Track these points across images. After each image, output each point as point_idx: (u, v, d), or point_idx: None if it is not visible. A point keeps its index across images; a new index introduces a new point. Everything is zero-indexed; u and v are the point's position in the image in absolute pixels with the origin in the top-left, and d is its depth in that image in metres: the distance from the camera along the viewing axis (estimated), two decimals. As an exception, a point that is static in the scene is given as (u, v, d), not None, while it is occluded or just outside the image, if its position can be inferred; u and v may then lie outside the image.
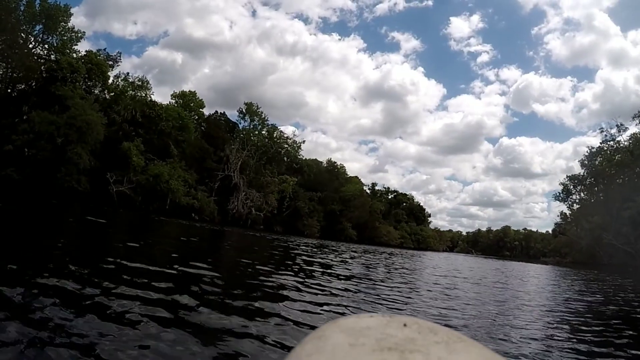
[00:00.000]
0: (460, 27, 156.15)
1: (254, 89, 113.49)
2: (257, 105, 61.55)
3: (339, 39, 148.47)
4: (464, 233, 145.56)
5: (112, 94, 44.45)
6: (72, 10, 43.73)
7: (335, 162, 79.91)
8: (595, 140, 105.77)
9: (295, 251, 18.45)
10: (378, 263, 18.52)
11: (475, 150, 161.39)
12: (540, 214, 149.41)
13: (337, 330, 0.50)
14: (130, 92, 46.25)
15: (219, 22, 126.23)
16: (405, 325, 0.51)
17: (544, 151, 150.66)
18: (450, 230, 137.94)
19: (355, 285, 8.75)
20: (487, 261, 47.23)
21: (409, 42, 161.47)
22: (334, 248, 27.47)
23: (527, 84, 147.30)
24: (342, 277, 10.26)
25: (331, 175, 74.40)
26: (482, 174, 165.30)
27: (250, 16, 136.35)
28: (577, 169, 67.01)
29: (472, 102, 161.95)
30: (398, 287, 9.50)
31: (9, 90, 37.95)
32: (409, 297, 8.05)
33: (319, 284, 7.89)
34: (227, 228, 36.70)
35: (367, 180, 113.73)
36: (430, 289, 10.41)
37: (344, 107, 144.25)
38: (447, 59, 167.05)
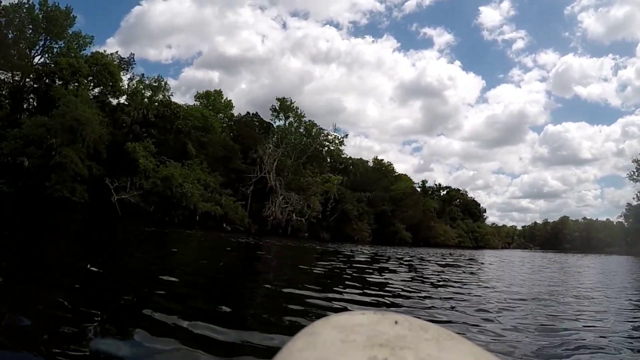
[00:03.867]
0: (491, 15, 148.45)
1: (292, 99, 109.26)
2: (291, 100, 55.07)
3: (372, 41, 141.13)
4: (519, 227, 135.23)
5: (124, 96, 39.78)
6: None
7: (382, 160, 72.39)
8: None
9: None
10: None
11: (521, 140, 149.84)
12: (594, 201, 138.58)
13: (328, 326, 0.50)
14: (146, 93, 41.45)
15: (250, 38, 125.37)
16: (396, 322, 0.50)
17: (592, 135, 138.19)
18: (504, 226, 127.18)
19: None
20: (573, 257, 37.60)
21: (442, 37, 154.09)
22: (431, 257, 19.74)
23: (567, 67, 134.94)
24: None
25: (379, 173, 66.57)
26: (529, 164, 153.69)
27: (281, 28, 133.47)
28: (628, 151, 56.51)
29: (513, 91, 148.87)
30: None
31: (7, 99, 33.99)
32: None
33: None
34: (263, 239, 29.84)
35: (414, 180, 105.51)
36: None
37: (382, 108, 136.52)
38: (482, 50, 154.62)
